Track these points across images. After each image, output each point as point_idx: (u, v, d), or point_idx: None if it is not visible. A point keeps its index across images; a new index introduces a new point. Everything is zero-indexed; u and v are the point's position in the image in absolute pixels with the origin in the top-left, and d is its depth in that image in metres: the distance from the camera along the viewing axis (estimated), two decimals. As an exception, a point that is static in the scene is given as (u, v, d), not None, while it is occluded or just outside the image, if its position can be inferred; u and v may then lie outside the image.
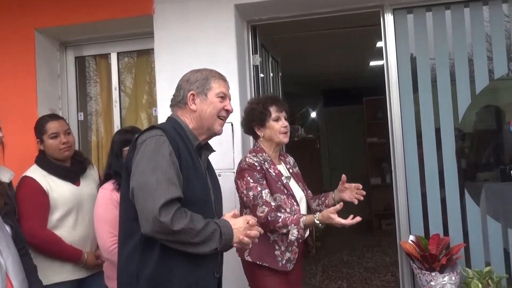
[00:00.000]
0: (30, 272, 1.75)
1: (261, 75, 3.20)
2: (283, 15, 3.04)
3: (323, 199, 2.39)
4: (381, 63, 3.04)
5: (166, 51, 2.90)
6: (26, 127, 2.59)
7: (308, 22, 3.15)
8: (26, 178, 2.31)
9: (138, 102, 3.46)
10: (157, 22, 2.94)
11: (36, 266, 1.87)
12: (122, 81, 3.47)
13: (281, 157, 2.39)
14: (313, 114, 8.03)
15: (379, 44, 3.91)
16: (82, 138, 3.50)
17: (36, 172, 2.34)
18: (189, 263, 1.56)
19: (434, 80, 2.84)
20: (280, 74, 3.95)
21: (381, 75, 2.97)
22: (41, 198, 2.28)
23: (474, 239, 2.74)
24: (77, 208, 2.37)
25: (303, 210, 2.26)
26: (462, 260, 2.64)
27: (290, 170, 2.36)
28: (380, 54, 3.02)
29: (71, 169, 2.44)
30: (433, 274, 2.44)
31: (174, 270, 1.55)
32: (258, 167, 2.14)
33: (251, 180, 2.10)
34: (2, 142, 2.18)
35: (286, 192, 2.18)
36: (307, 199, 2.34)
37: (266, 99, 2.30)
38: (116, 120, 3.38)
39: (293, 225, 2.00)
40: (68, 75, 3.47)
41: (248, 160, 2.16)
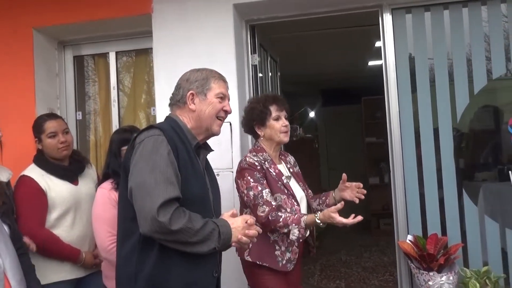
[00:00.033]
0: (28, 272, 1.75)
1: (259, 74, 3.19)
2: (281, 14, 3.04)
3: (323, 199, 2.38)
4: (379, 63, 3.05)
5: (164, 51, 2.90)
6: (24, 126, 2.57)
7: (307, 21, 3.15)
8: (24, 177, 2.31)
9: (137, 102, 3.45)
10: (155, 22, 2.94)
11: (34, 266, 1.87)
12: (120, 80, 3.47)
13: (281, 156, 2.37)
14: (311, 114, 8.03)
15: (378, 44, 3.91)
16: (81, 137, 3.50)
17: (34, 171, 2.33)
18: (187, 262, 1.56)
19: (433, 80, 2.84)
20: (278, 74, 3.94)
21: (379, 74, 2.97)
22: (39, 197, 2.27)
23: (472, 239, 2.74)
24: (75, 208, 2.36)
25: (304, 209, 2.24)
26: (460, 259, 2.65)
27: (291, 170, 2.34)
28: (379, 54, 3.02)
29: (69, 168, 2.44)
30: (431, 273, 2.45)
31: (172, 270, 1.55)
32: (259, 167, 2.13)
33: (252, 180, 2.09)
34: (1, 141, 2.18)
35: (286, 192, 2.16)
36: (308, 198, 2.32)
37: (266, 98, 2.27)
38: (115, 120, 3.38)
39: (294, 224, 1.98)
40: (67, 74, 3.46)
41: (248, 159, 2.15)
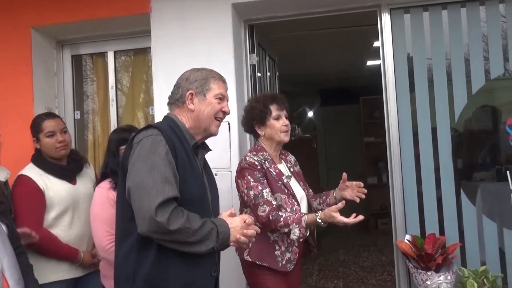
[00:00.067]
0: (26, 271, 1.75)
1: (258, 74, 3.19)
2: (280, 14, 3.04)
3: (324, 198, 2.37)
4: (378, 62, 3.05)
5: (163, 50, 2.90)
6: (22, 125, 2.57)
7: (305, 21, 3.16)
8: (22, 176, 2.30)
9: (135, 101, 3.45)
10: (154, 21, 2.93)
11: (32, 265, 1.87)
12: (119, 79, 3.46)
13: (281, 156, 2.36)
14: (310, 114, 8.04)
15: (376, 44, 3.92)
16: (79, 136, 3.49)
17: (32, 171, 2.33)
18: (185, 262, 1.56)
19: (431, 80, 2.85)
20: (277, 74, 3.94)
21: (378, 74, 2.98)
22: (37, 196, 2.27)
23: (469, 239, 2.75)
24: (73, 207, 2.36)
25: (304, 209, 2.24)
26: (457, 259, 2.66)
27: (291, 169, 2.33)
28: (377, 53, 3.02)
29: (67, 167, 2.44)
30: (429, 273, 2.45)
31: (170, 270, 1.55)
32: (259, 166, 2.12)
33: (252, 179, 2.08)
34: (-1, 140, 2.17)
35: (286, 191, 2.15)
36: (308, 198, 2.31)
37: (266, 97, 2.27)
38: (113, 119, 3.37)
39: (294, 224, 1.98)
40: (65, 73, 3.45)
41: (248, 159, 2.14)
